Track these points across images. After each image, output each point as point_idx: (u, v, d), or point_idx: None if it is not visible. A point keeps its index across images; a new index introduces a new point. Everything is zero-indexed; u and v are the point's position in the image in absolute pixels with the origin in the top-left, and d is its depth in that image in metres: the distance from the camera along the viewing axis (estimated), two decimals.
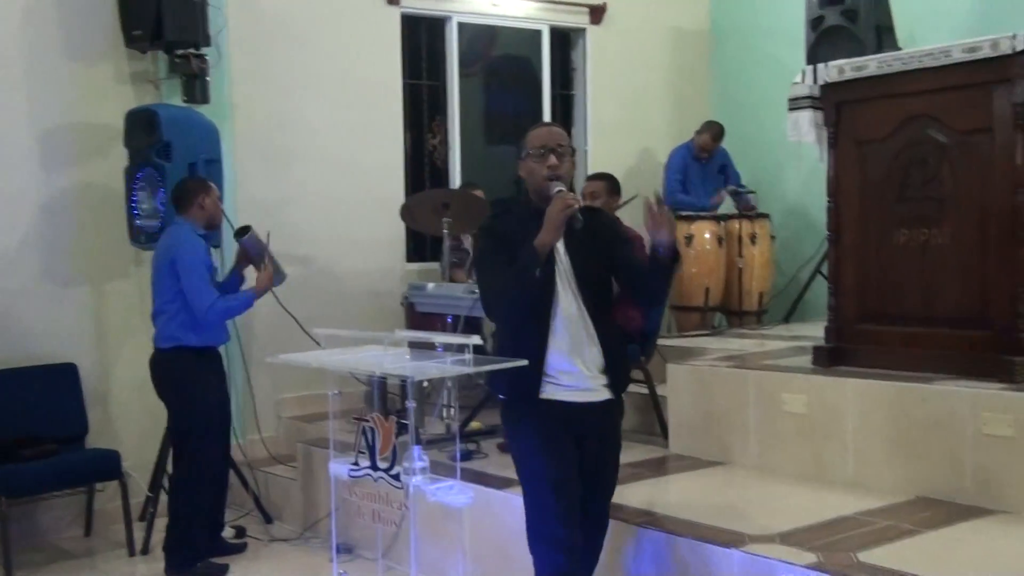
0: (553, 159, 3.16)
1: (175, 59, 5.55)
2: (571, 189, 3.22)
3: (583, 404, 3.19)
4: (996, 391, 3.79)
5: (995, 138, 3.97)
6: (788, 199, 7.48)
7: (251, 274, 5.10)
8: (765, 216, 7.07)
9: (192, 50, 5.52)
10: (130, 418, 5.75)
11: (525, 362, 3.14)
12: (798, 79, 4.66)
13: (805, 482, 4.23)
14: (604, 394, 3.22)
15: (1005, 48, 3.88)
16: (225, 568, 4.92)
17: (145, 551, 5.20)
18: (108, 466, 5.22)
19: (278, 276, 5.02)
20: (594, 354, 3.19)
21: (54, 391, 5.44)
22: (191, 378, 4.81)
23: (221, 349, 5.04)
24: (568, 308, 3.17)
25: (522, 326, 3.19)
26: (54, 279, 5.58)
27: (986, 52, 3.95)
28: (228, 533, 5.26)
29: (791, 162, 7.32)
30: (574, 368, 3.17)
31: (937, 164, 4.18)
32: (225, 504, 5.25)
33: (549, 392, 3.17)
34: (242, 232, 5.01)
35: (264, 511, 5.65)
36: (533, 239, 3.03)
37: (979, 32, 4.25)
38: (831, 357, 4.51)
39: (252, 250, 5.01)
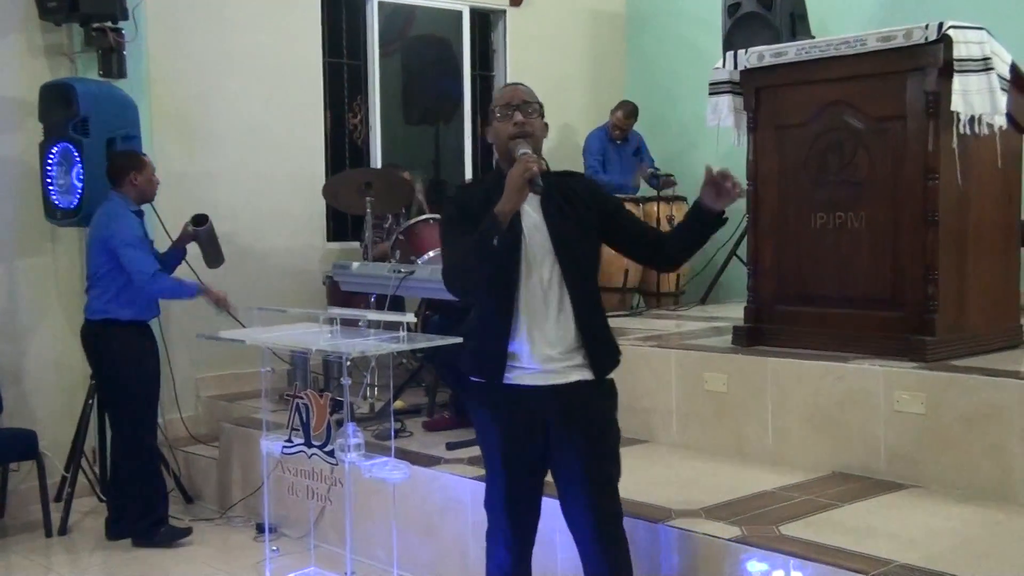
0: (519, 116, 2.92)
1: (91, 32, 5.40)
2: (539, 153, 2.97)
3: (547, 387, 2.92)
4: (908, 370, 3.95)
5: (908, 125, 4.12)
6: (703, 182, 7.60)
7: (193, 252, 5.13)
8: (682, 199, 7.19)
9: (109, 24, 5.38)
10: (46, 397, 5.62)
11: (459, 340, 3.07)
12: (719, 64, 4.75)
13: (727, 459, 4.35)
14: (574, 375, 2.94)
15: (918, 38, 4.02)
16: (188, 530, 4.96)
17: (63, 531, 5.11)
18: (24, 446, 5.11)
19: (217, 259, 5.04)
20: (567, 332, 2.93)
21: None
22: (121, 350, 4.82)
23: (153, 324, 4.99)
24: (539, 282, 2.90)
25: (486, 303, 2.97)
26: None
27: (900, 41, 4.09)
28: None
29: (706, 145, 7.39)
30: (539, 349, 2.90)
31: (853, 149, 4.31)
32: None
33: (514, 376, 2.92)
34: (199, 221, 5.02)
35: (184, 491, 5.59)
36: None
37: (888, 22, 4.41)
38: (750, 337, 4.63)
39: (204, 241, 5.02)
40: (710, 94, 4.83)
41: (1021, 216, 4.59)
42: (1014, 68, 4.15)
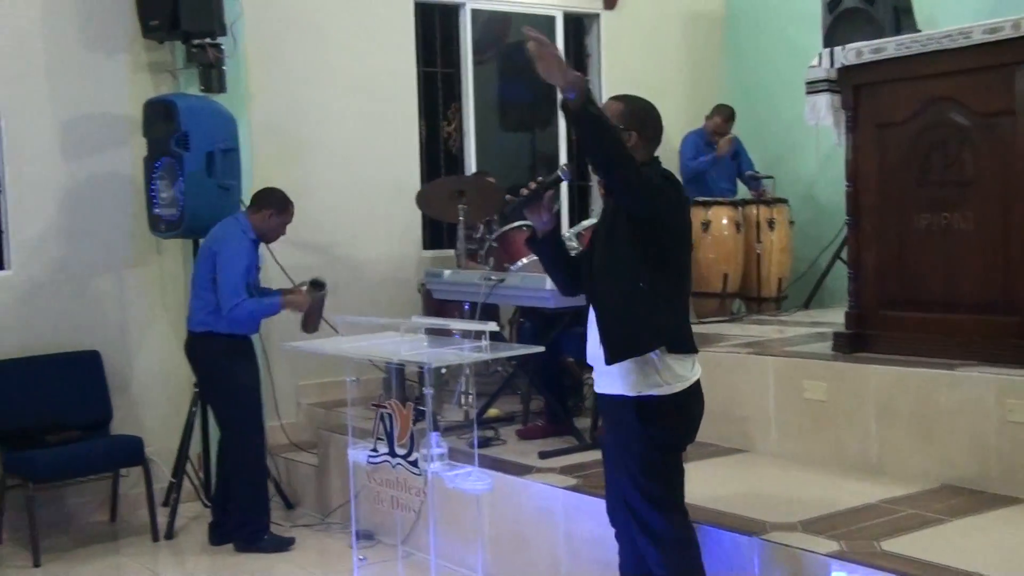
0: None
1: (192, 49, 5.55)
2: None
3: (598, 395, 3.18)
4: (1021, 378, 3.76)
5: (1018, 120, 3.93)
6: (805, 183, 7.44)
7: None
8: (783, 201, 7.02)
9: (208, 40, 5.52)
10: (153, 404, 5.80)
11: (541, 348, 3.13)
12: (815, 62, 4.62)
13: (826, 470, 4.22)
14: (606, 386, 3.07)
15: None
16: (291, 540, 5.05)
17: (169, 536, 5.25)
18: (131, 452, 5.27)
19: (315, 327, 5.15)
20: (596, 343, 3.04)
21: (78, 378, 5.49)
22: (221, 362, 4.95)
23: (256, 336, 5.14)
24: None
25: None
26: (77, 268, 5.62)
27: (1008, 32, 3.91)
28: None
29: (808, 146, 7.26)
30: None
31: (958, 147, 4.14)
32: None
33: None
34: (319, 286, 5.14)
35: (285, 497, 5.69)
36: None
37: (1000, 14, 4.21)
38: (852, 343, 4.48)
39: (313, 304, 5.10)
40: (807, 93, 4.72)
41: None
42: None
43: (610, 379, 3.04)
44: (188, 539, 5.27)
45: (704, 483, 4.23)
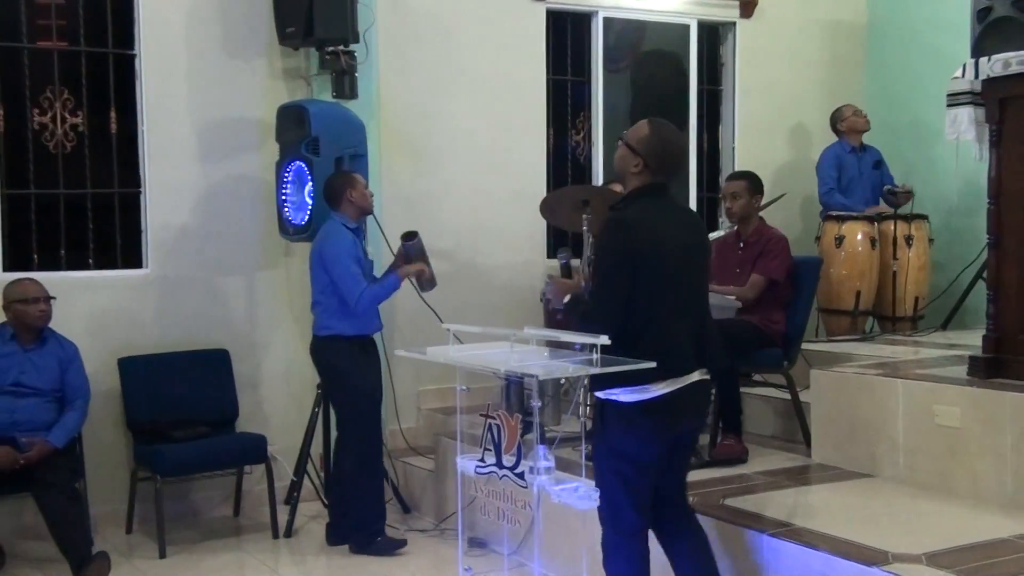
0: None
1: (325, 55, 5.67)
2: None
3: None
4: None
5: None
6: (949, 199, 7.12)
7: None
8: (923, 217, 6.74)
9: (341, 47, 5.63)
10: (277, 404, 5.94)
11: (652, 364, 3.11)
12: (957, 74, 4.43)
13: (956, 500, 4.01)
14: None
15: None
16: (403, 542, 5.11)
17: (288, 534, 5.36)
18: (255, 450, 5.40)
19: (430, 282, 5.14)
20: None
21: (208, 376, 5.68)
22: (345, 365, 5.04)
23: (377, 337, 5.17)
24: None
25: None
26: (209, 268, 5.82)
27: None
28: None
29: (953, 160, 6.95)
30: None
31: None
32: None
33: None
34: (409, 237, 5.16)
35: (402, 501, 5.74)
36: None
37: None
38: (988, 368, 4.26)
39: (414, 255, 5.17)
40: (948, 106, 4.52)
41: None
42: None
43: None
44: (306, 538, 5.37)
45: (825, 506, 4.11)
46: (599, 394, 3.25)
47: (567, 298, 3.57)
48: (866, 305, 6.57)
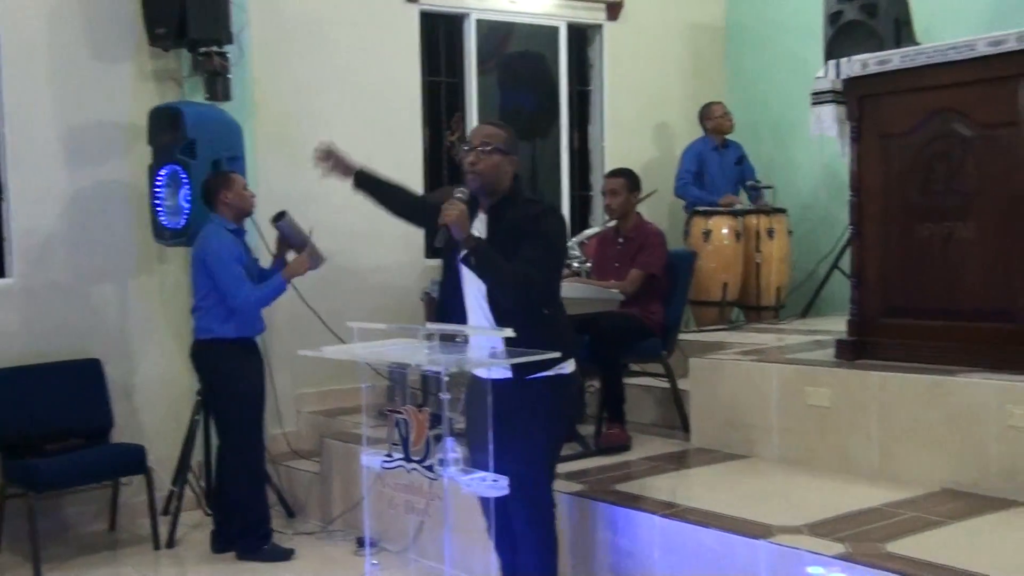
0: (471, 156, 3.47)
1: (198, 57, 5.58)
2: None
3: None
4: (1020, 383, 3.81)
5: (1020, 132, 3.98)
6: (804, 194, 7.48)
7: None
8: (782, 211, 7.08)
9: (215, 48, 5.55)
10: (154, 413, 5.81)
11: (557, 354, 3.24)
12: (821, 73, 4.67)
13: (830, 475, 4.25)
14: None
15: None
16: (291, 552, 5.04)
17: (170, 544, 5.25)
18: (133, 460, 5.27)
19: (315, 259, 5.09)
20: None
21: (79, 386, 5.50)
22: (227, 369, 4.96)
23: (260, 341, 5.12)
24: None
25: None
26: (79, 276, 5.64)
27: (1011, 45, 3.96)
28: None
29: (807, 157, 7.34)
30: None
31: (961, 158, 4.19)
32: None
33: None
34: (277, 217, 5.11)
35: (287, 505, 5.70)
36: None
37: (995, 28, 4.28)
38: (854, 350, 4.52)
39: (289, 235, 5.10)
40: (812, 104, 4.75)
41: None
42: None
43: None
44: (189, 548, 5.27)
45: (707, 487, 4.28)
46: (540, 374, 3.37)
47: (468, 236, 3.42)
48: (732, 296, 6.86)
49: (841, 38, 6.39)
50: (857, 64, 4.48)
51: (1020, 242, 3.99)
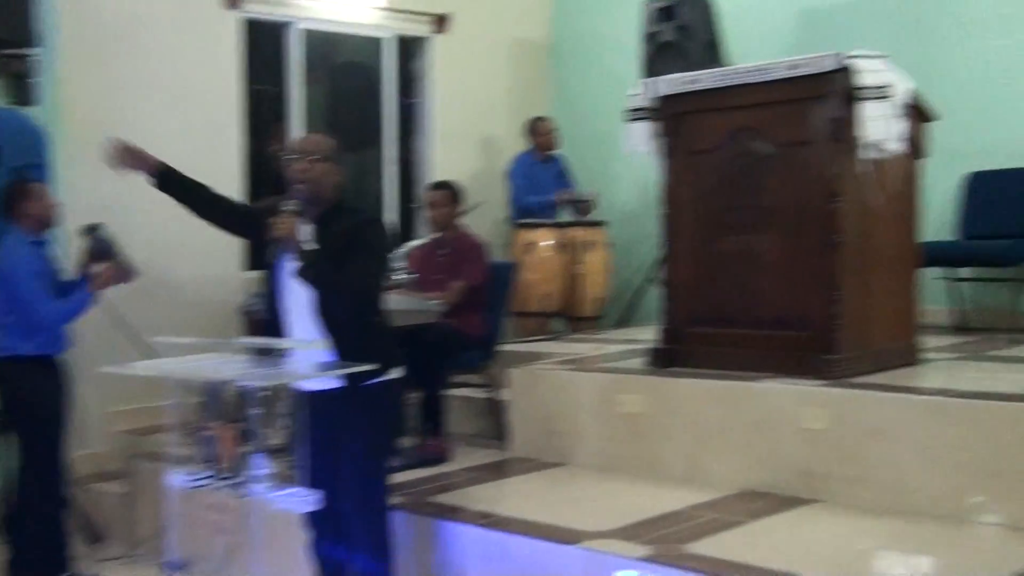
0: (298, 165, 3.52)
1: (1, 59, 5.31)
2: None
3: None
4: (813, 387, 4.04)
5: (813, 150, 4.22)
6: (625, 207, 7.72)
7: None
8: (602, 224, 7.28)
9: (20, 50, 5.29)
10: None
11: (371, 367, 3.32)
12: (634, 91, 4.83)
13: (641, 480, 4.38)
14: None
15: (823, 66, 4.14)
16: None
17: None
18: None
19: (125, 272, 4.89)
20: None
21: None
22: (27, 388, 4.71)
23: (66, 357, 4.89)
24: None
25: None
26: None
27: (806, 70, 4.20)
28: None
29: (627, 172, 7.56)
30: None
31: (761, 174, 4.41)
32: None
33: None
34: (90, 229, 4.88)
35: (92, 529, 5.44)
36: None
37: (803, 51, 4.54)
38: (664, 359, 4.69)
39: (101, 248, 4.88)
40: (626, 121, 4.90)
41: (918, 238, 4.71)
42: (911, 95, 4.29)
43: None
44: None
45: (523, 496, 4.35)
46: (372, 381, 3.45)
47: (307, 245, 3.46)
48: (554, 307, 7.01)
49: (658, 57, 6.64)
50: (669, 83, 4.66)
51: (812, 255, 4.23)
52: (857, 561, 3.29)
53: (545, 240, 6.96)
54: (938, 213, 6.19)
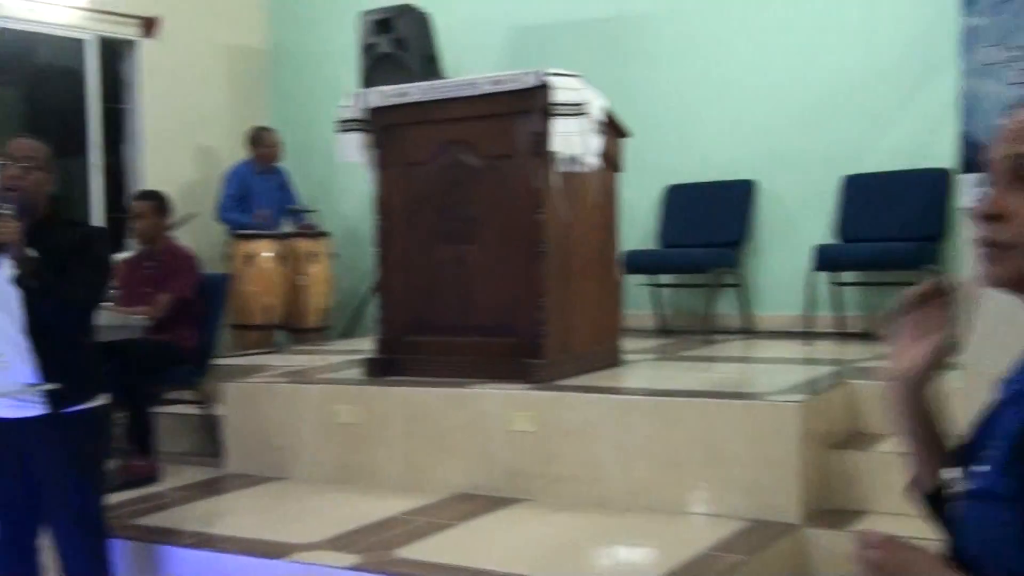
0: (11, 170, 3.27)
1: None
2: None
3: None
4: (520, 391, 4.20)
5: (517, 163, 4.40)
6: (349, 218, 7.72)
7: None
8: (326, 235, 7.25)
9: None
10: None
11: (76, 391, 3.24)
12: (345, 102, 4.85)
13: (360, 490, 4.38)
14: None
15: (523, 83, 4.32)
16: None
17: None
18: None
19: None
20: None
21: None
22: None
23: None
24: None
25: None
26: None
27: (508, 85, 4.37)
28: None
29: (353, 182, 7.56)
30: None
31: (470, 186, 4.54)
32: None
33: None
34: None
35: None
36: None
37: (516, 67, 4.73)
38: (381, 368, 4.73)
39: None
40: (339, 131, 4.92)
41: (618, 247, 5.02)
42: (607, 113, 4.56)
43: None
44: None
45: (237, 513, 4.27)
46: (79, 407, 3.28)
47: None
48: (277, 319, 6.91)
49: (376, 69, 6.71)
50: (379, 95, 4.72)
51: (518, 263, 4.40)
52: (558, 555, 3.45)
53: (266, 251, 6.85)
54: (642, 223, 6.62)
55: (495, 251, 4.48)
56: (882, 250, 5.73)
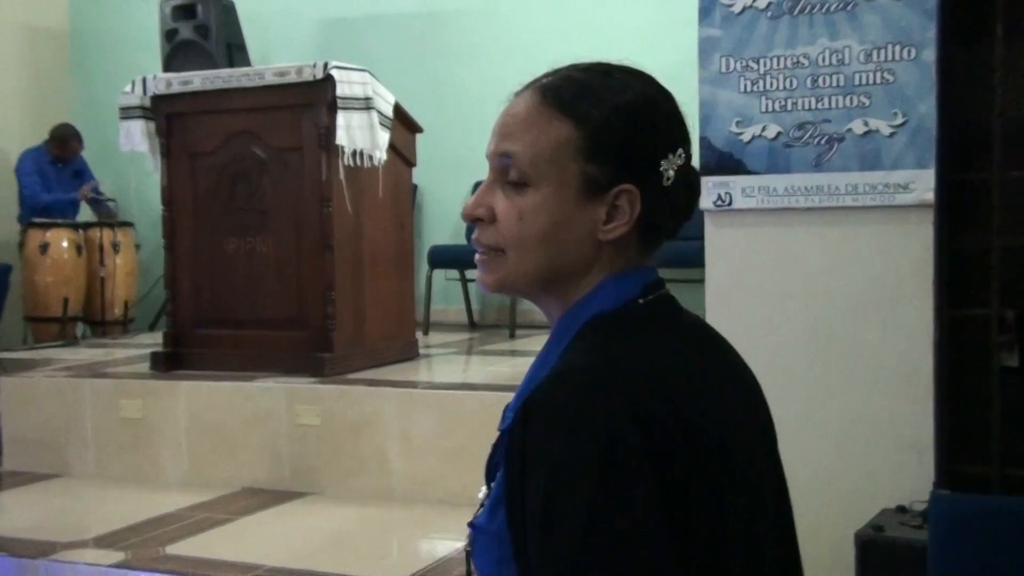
0: None
1: None
2: None
3: None
4: (307, 385, 4.20)
5: (304, 156, 4.40)
6: (155, 208, 7.49)
7: None
8: (129, 224, 7.03)
9: None
10: None
11: None
12: (128, 89, 4.74)
13: (142, 485, 4.30)
14: None
15: (308, 75, 4.32)
16: None
17: None
18: None
19: None
20: None
21: None
22: None
23: None
24: None
25: None
26: None
27: (293, 77, 4.36)
28: None
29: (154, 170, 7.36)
30: None
31: (259, 178, 4.51)
32: None
33: None
34: None
35: None
36: None
37: (323, 55, 4.68)
38: (168, 362, 4.65)
39: None
40: (122, 119, 4.80)
41: (411, 241, 5.06)
42: (397, 108, 4.60)
43: None
44: None
45: (10, 513, 4.12)
46: None
47: None
48: (75, 311, 6.66)
49: (177, 56, 6.50)
50: (162, 82, 4.64)
51: (308, 256, 4.41)
52: (330, 548, 3.48)
53: (62, 241, 6.59)
54: (451, 217, 6.67)
55: (285, 244, 4.46)
56: None
